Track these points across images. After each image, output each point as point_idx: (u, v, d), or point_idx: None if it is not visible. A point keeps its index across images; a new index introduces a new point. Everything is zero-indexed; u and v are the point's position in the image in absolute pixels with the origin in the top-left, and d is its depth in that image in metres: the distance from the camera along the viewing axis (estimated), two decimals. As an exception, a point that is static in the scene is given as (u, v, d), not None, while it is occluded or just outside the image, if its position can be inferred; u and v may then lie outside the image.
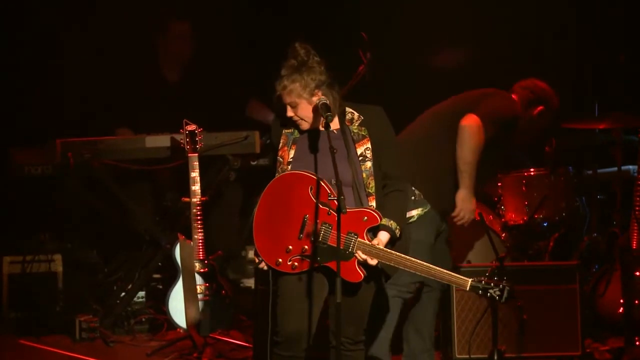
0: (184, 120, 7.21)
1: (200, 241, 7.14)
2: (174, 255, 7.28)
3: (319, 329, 5.46)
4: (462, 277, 5.34)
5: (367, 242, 5.30)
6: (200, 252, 7.16)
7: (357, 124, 5.45)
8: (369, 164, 5.41)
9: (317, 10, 8.72)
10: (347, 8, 8.63)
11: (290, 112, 5.38)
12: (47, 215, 8.11)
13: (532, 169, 7.85)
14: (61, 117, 8.33)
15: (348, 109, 5.48)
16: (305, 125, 5.43)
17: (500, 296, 5.34)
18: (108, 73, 8.41)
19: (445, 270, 5.36)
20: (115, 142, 7.95)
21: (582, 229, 8.01)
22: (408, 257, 5.32)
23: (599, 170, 8.11)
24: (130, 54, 8.46)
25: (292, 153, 5.42)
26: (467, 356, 6.98)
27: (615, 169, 7.76)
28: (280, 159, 5.43)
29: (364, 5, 8.63)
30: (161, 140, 7.87)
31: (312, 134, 5.42)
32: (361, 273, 5.31)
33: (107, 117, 8.26)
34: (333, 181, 5.26)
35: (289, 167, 5.40)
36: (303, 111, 5.39)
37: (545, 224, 7.85)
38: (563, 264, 7.29)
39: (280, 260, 5.34)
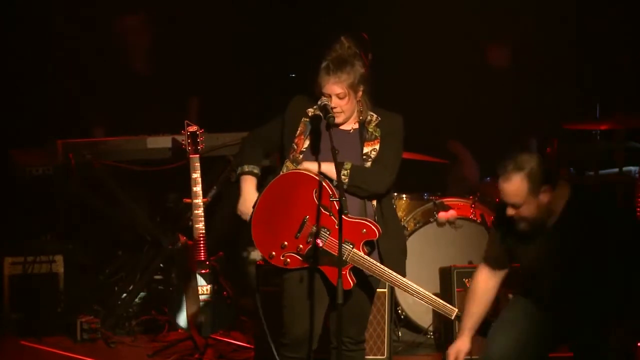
0: (186, 121, 7.22)
1: (202, 242, 7.14)
2: (176, 256, 7.28)
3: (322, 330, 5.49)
4: (449, 306, 5.42)
5: (361, 253, 5.33)
6: (202, 253, 7.16)
7: (373, 125, 5.46)
8: (369, 164, 5.41)
9: (318, 10, 8.72)
10: (348, 8, 8.63)
11: (335, 102, 5.35)
12: (49, 216, 8.11)
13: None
14: (61, 118, 8.33)
15: (371, 113, 5.49)
16: (342, 118, 5.40)
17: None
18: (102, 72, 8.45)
19: (434, 297, 5.42)
20: (116, 143, 7.95)
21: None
22: (399, 276, 5.37)
23: (600, 172, 8.10)
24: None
25: (307, 143, 5.41)
26: (469, 357, 6.97)
27: (617, 170, 7.76)
28: (295, 146, 5.40)
29: (364, 6, 8.63)
30: (162, 141, 7.88)
31: (333, 131, 5.36)
32: (351, 281, 5.32)
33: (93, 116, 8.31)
34: (334, 182, 5.29)
35: (301, 156, 5.39)
36: (349, 103, 5.38)
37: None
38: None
39: (273, 253, 5.36)
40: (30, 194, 8.03)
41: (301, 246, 5.35)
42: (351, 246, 5.32)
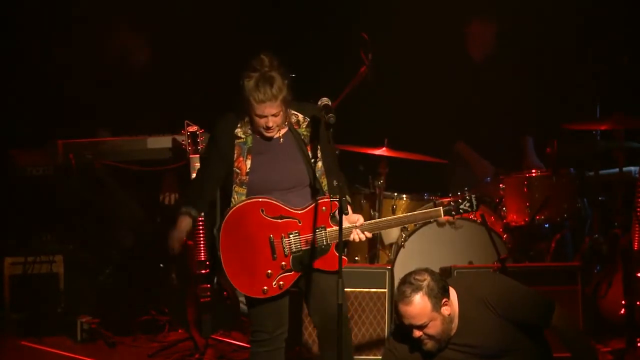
0: (186, 121, 7.22)
1: (202, 242, 7.14)
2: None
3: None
4: (433, 208, 5.57)
5: (335, 228, 5.40)
6: (202, 254, 7.16)
7: (304, 126, 5.50)
8: (320, 163, 5.50)
9: (318, 11, 8.72)
10: (348, 8, 8.63)
11: (271, 122, 5.40)
12: (49, 216, 8.11)
13: (533, 170, 7.86)
14: (62, 118, 8.33)
15: (292, 111, 5.52)
16: (275, 131, 5.47)
17: (471, 206, 5.57)
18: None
19: (416, 212, 5.67)
20: (116, 143, 7.96)
21: (583, 230, 8.01)
22: (381, 218, 5.63)
23: (600, 172, 8.10)
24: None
25: (249, 164, 5.48)
26: None
27: (617, 170, 7.76)
28: (238, 171, 5.47)
29: (364, 6, 8.63)
30: (163, 142, 7.88)
31: (267, 143, 5.49)
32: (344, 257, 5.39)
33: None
34: (335, 183, 5.36)
35: (248, 177, 5.45)
36: (282, 119, 5.44)
37: (546, 225, 7.85)
38: (565, 265, 7.28)
39: (265, 288, 5.44)
40: (31, 194, 8.03)
41: (284, 263, 5.45)
42: (324, 228, 5.43)
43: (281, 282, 5.44)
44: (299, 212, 5.45)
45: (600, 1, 8.57)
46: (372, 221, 5.61)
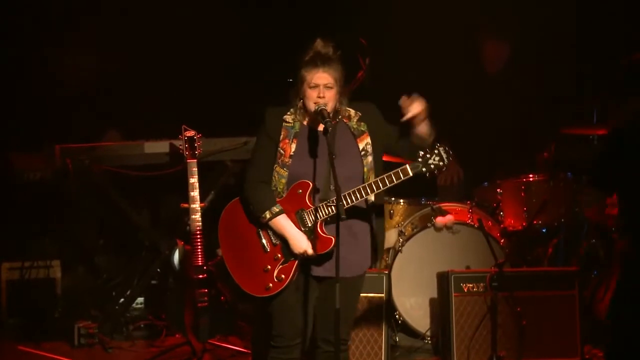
0: (183, 126, 7.22)
1: (199, 247, 7.13)
2: (173, 261, 7.28)
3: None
4: (400, 169, 5.34)
5: (313, 207, 5.37)
6: (199, 258, 7.15)
7: (355, 120, 5.49)
8: (370, 158, 5.47)
9: (317, 16, 8.73)
10: (346, 13, 8.63)
11: (322, 92, 5.39)
12: (46, 221, 8.11)
13: (530, 175, 7.87)
14: (60, 122, 8.34)
15: (345, 107, 5.54)
16: (329, 108, 5.42)
17: (442, 159, 5.34)
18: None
19: (384, 175, 5.35)
20: (114, 148, 7.96)
21: (580, 235, 8.00)
22: (358, 187, 5.34)
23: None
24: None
25: (293, 147, 5.45)
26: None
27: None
28: (282, 151, 5.44)
29: (362, 10, 8.64)
30: (160, 146, 7.88)
31: (313, 134, 5.46)
32: (330, 236, 5.35)
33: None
34: (332, 187, 5.32)
35: (290, 160, 5.42)
36: (333, 96, 5.42)
37: (544, 230, 7.85)
38: (562, 269, 7.28)
39: (270, 285, 5.42)
40: (28, 198, 8.03)
41: (278, 255, 5.42)
42: (302, 211, 5.38)
43: (282, 275, 5.40)
44: (279, 200, 5.41)
45: (600, 2, 8.58)
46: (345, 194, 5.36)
